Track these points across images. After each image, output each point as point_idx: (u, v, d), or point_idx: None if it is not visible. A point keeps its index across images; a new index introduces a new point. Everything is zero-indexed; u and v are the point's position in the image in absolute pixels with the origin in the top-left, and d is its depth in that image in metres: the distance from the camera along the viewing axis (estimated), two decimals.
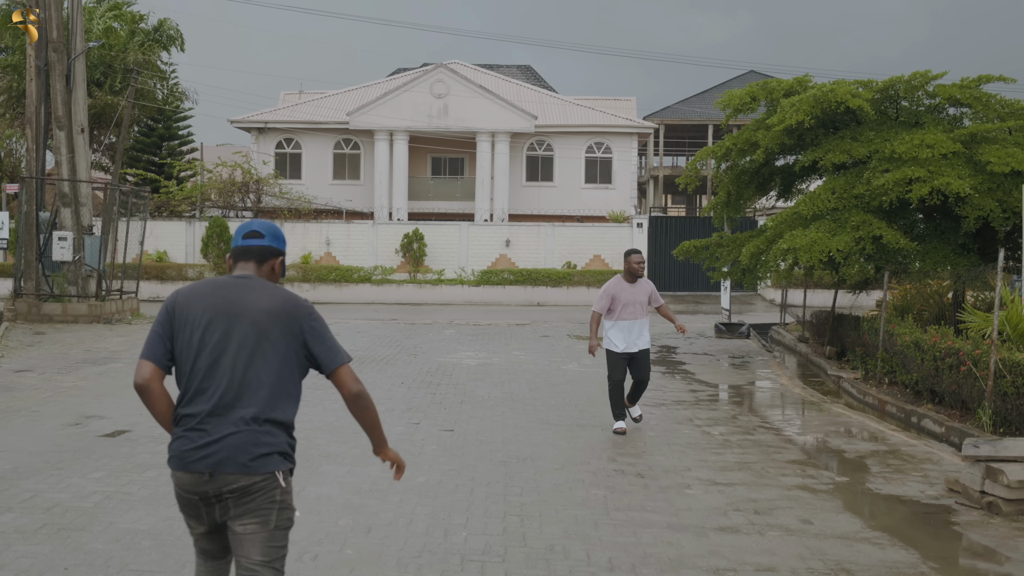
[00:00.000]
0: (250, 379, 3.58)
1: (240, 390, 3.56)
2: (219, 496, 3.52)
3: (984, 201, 13.20)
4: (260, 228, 3.85)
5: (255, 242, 3.81)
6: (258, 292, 3.69)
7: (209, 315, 3.63)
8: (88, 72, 29.94)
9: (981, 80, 14.99)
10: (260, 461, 3.53)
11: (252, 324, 3.61)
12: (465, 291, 32.16)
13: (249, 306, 3.64)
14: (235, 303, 3.65)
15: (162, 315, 3.69)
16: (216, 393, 3.55)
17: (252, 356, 3.59)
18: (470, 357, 16.02)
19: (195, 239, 34.15)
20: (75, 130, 21.72)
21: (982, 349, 10.05)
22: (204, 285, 3.75)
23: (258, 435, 3.54)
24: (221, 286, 3.72)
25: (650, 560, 5.68)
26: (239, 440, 3.51)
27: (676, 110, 55.90)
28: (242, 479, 3.50)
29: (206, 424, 3.53)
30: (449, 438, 9.18)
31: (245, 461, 3.50)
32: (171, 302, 3.72)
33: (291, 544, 5.79)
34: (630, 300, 9.52)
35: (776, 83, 16.39)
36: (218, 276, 3.91)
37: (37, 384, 12.08)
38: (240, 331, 3.61)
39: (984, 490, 6.93)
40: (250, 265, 3.81)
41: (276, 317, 3.64)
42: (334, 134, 42.20)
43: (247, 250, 3.81)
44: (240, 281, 3.74)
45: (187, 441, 3.53)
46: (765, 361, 16.76)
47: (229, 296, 3.67)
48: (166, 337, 3.65)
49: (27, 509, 6.42)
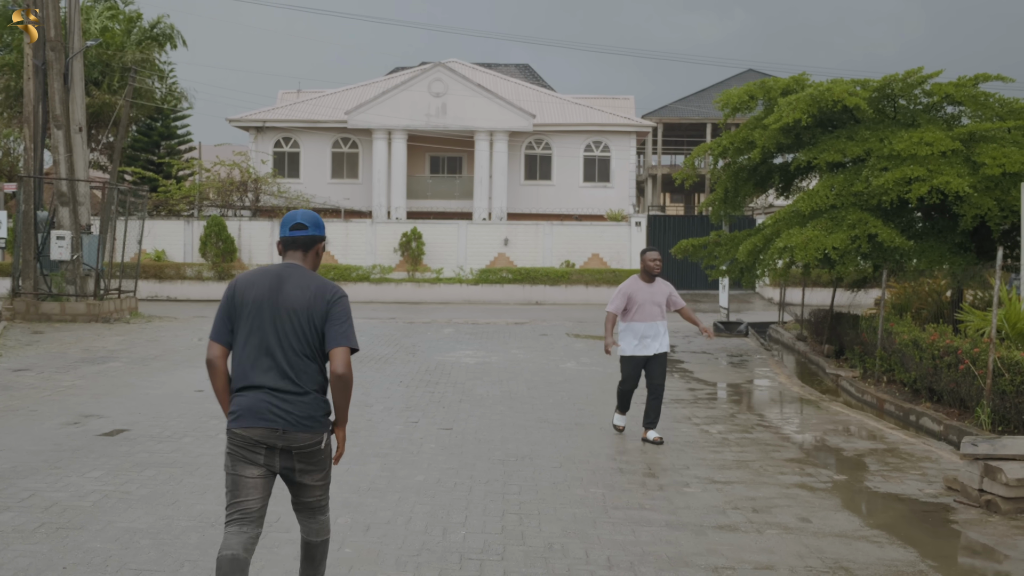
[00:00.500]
0: (291, 358, 4.24)
1: (285, 366, 4.24)
2: (285, 450, 4.26)
3: (982, 200, 13.20)
4: (304, 220, 4.42)
5: (301, 233, 4.40)
6: (299, 281, 4.31)
7: (259, 301, 4.28)
8: (86, 71, 29.91)
9: (978, 79, 14.99)
10: (318, 423, 4.28)
11: (291, 311, 4.25)
12: (463, 290, 32.16)
13: (289, 294, 4.27)
14: (278, 291, 4.29)
15: (225, 300, 4.36)
16: (276, 369, 4.24)
17: (292, 337, 4.24)
18: (468, 356, 16.02)
19: (193, 238, 34.13)
20: (73, 129, 21.70)
21: (980, 348, 10.06)
22: (257, 274, 4.39)
23: (311, 404, 4.27)
24: (270, 275, 4.35)
25: (648, 558, 5.68)
26: (298, 406, 4.23)
27: (674, 109, 55.91)
28: (304, 437, 4.25)
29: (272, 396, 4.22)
30: (448, 436, 9.18)
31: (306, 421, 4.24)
32: (232, 288, 4.37)
33: (289, 543, 5.80)
34: (646, 300, 9.09)
35: (774, 82, 16.39)
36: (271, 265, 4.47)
37: (35, 383, 12.07)
38: (282, 316, 4.25)
39: (983, 488, 6.94)
40: (298, 253, 4.42)
41: (310, 303, 4.26)
42: (332, 133, 42.19)
43: (294, 240, 4.41)
44: (285, 270, 4.35)
45: (257, 403, 4.21)
46: (763, 359, 16.77)
47: (274, 285, 4.30)
48: (228, 318, 4.33)
49: (25, 508, 6.41)
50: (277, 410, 4.21)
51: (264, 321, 4.26)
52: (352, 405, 10.74)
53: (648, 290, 9.16)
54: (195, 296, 31.89)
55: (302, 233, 4.40)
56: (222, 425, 9.45)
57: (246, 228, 34.51)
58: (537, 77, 54.44)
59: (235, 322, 4.32)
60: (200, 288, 32.25)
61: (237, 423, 4.26)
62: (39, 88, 21.54)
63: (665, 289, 9.27)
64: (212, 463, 7.83)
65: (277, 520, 6.25)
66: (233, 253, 33.18)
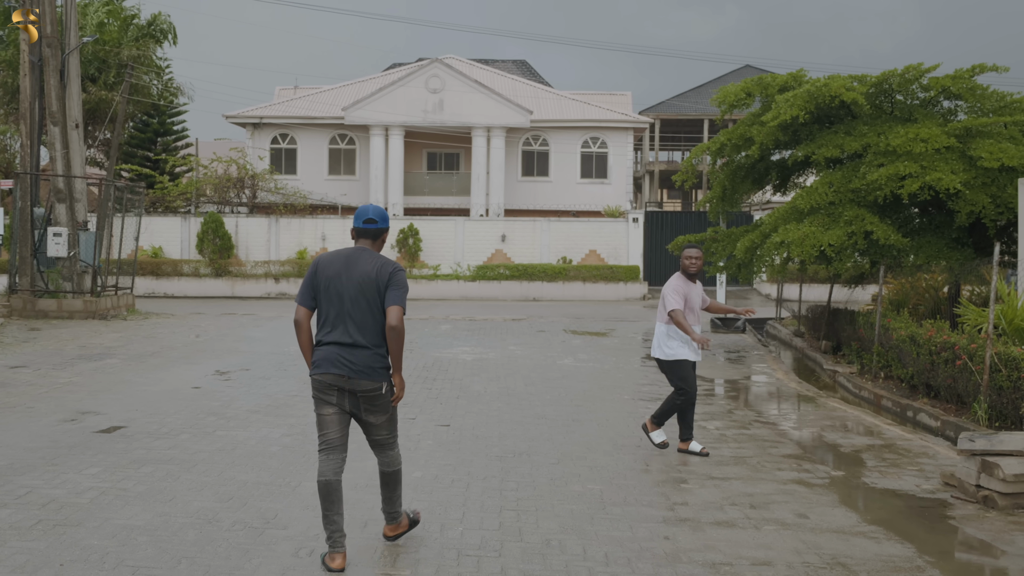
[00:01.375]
0: (359, 319, 5.34)
1: (359, 328, 5.34)
2: (353, 393, 5.37)
3: (977, 196, 13.20)
4: (374, 215, 5.54)
5: (371, 226, 5.52)
6: (367, 260, 5.43)
7: (337, 275, 5.40)
8: (82, 67, 29.88)
9: (975, 70, 14.97)
10: (380, 373, 5.37)
11: (359, 284, 5.36)
12: (461, 286, 32.14)
13: (360, 269, 5.39)
14: (352, 268, 5.40)
15: (309, 274, 5.50)
16: (347, 329, 5.35)
17: (361, 302, 5.35)
18: (466, 352, 16.01)
19: (190, 235, 34.08)
20: (69, 125, 21.66)
21: (978, 343, 10.07)
22: (334, 255, 5.50)
23: (375, 357, 5.35)
24: (343, 256, 5.47)
25: (646, 555, 5.68)
26: (365, 359, 5.32)
27: (671, 105, 55.87)
28: (366, 383, 5.34)
29: (344, 350, 5.33)
30: (445, 433, 9.18)
31: (370, 372, 5.34)
32: (315, 265, 5.50)
33: (287, 539, 5.80)
34: (695, 303, 8.59)
35: (771, 78, 16.38)
36: (343, 248, 5.55)
37: (32, 380, 12.06)
38: (353, 287, 5.36)
39: (980, 484, 6.95)
40: (367, 241, 5.54)
41: (375, 277, 5.36)
42: (329, 129, 42.14)
43: (366, 231, 5.53)
44: (356, 252, 5.48)
45: (332, 355, 5.33)
46: (761, 356, 16.78)
47: (348, 263, 5.43)
48: (312, 288, 5.46)
49: (22, 505, 6.40)
50: (345, 360, 5.31)
51: (340, 291, 5.36)
52: None
53: (695, 291, 8.60)
54: (192, 293, 31.86)
55: (372, 226, 5.51)
56: (219, 422, 9.46)
57: (243, 225, 34.47)
58: (534, 73, 54.40)
59: (317, 291, 5.44)
60: (197, 285, 32.21)
61: (315, 370, 5.39)
62: (35, 84, 21.50)
63: (700, 290, 8.76)
64: (209, 460, 7.83)
65: (275, 517, 6.25)
66: (230, 250, 33.14)
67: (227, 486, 7.00)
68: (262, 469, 7.55)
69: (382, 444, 5.58)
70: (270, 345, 16.61)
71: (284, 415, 9.94)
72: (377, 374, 5.35)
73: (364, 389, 5.33)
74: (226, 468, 7.56)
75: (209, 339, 17.42)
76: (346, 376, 5.31)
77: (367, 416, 5.44)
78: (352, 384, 5.32)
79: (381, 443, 5.58)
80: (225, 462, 7.76)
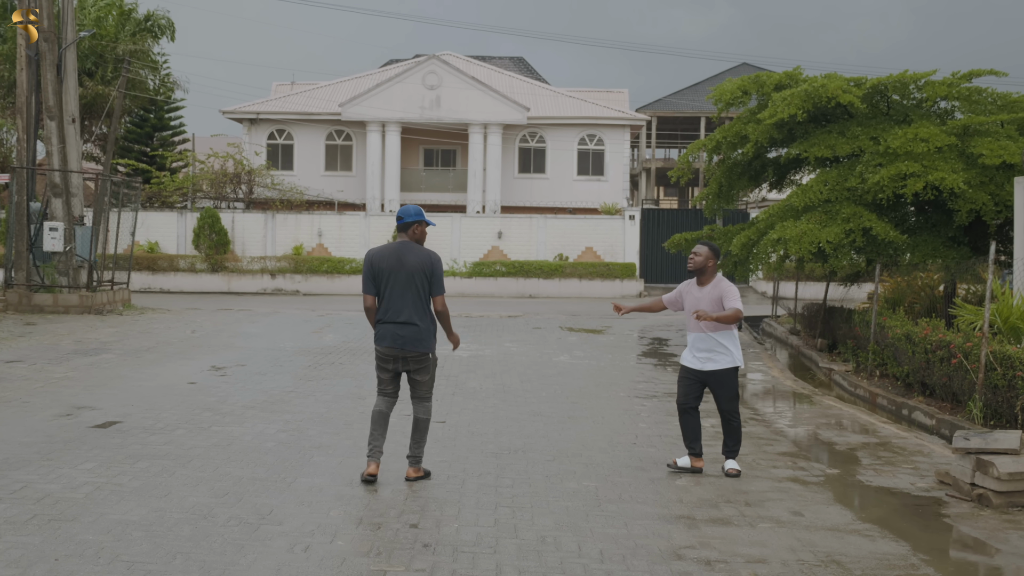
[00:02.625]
0: (410, 303, 6.87)
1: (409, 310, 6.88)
2: (405, 359, 6.99)
3: (977, 195, 13.23)
4: (403, 213, 7.03)
5: (399, 222, 7.01)
6: (413, 251, 6.93)
7: (391, 268, 6.89)
8: (79, 62, 29.79)
9: (971, 75, 15.01)
10: (425, 344, 6.97)
11: (409, 273, 6.87)
12: (457, 283, 32.13)
13: (409, 261, 6.88)
14: (400, 260, 6.89)
15: (367, 267, 6.97)
16: (400, 311, 6.90)
17: (411, 289, 6.87)
18: (461, 349, 16.00)
19: (187, 230, 34.05)
20: (66, 120, 21.62)
21: (973, 342, 10.08)
22: (384, 248, 6.97)
23: (422, 332, 6.92)
24: (392, 249, 6.94)
25: (641, 552, 5.69)
26: (413, 333, 6.91)
27: (668, 102, 55.89)
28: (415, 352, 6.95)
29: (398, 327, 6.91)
30: (440, 430, 9.18)
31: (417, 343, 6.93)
32: (369, 259, 6.98)
33: (282, 535, 5.80)
34: (692, 306, 7.70)
35: (767, 76, 16.39)
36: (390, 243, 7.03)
37: (28, 374, 12.04)
38: (404, 276, 6.87)
39: (974, 482, 6.96)
40: (404, 235, 7.01)
41: (420, 267, 6.87)
42: (326, 125, 42.10)
43: (401, 227, 7.04)
44: (402, 247, 6.94)
45: (389, 332, 6.93)
46: (756, 353, 16.79)
47: (398, 256, 6.90)
48: (373, 278, 6.95)
49: (17, 500, 6.40)
50: (398, 337, 6.91)
51: (395, 280, 6.85)
52: (345, 398, 10.87)
53: (696, 293, 7.74)
54: (188, 288, 31.83)
55: (399, 222, 7.00)
56: (215, 418, 9.46)
57: (240, 220, 34.44)
58: (531, 70, 54.36)
59: (377, 281, 6.92)
60: (193, 280, 32.18)
61: (377, 344, 7.05)
62: (32, 79, 21.45)
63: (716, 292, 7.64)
64: (204, 455, 7.82)
65: (270, 513, 6.25)
66: (226, 245, 33.11)
67: (222, 482, 7.00)
68: (257, 465, 7.54)
69: (422, 397, 7.15)
70: (266, 341, 16.60)
71: (280, 411, 9.94)
72: (423, 345, 6.93)
73: (414, 354, 6.94)
74: (221, 464, 7.55)
75: (205, 335, 17.41)
76: (399, 348, 6.91)
77: (415, 375, 7.06)
78: (404, 352, 6.93)
79: (421, 396, 7.14)
80: (221, 458, 7.76)
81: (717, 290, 7.62)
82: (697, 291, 7.72)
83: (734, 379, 7.72)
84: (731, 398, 7.71)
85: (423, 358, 6.97)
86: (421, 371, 7.02)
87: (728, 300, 7.54)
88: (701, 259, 7.66)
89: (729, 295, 7.55)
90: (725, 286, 7.64)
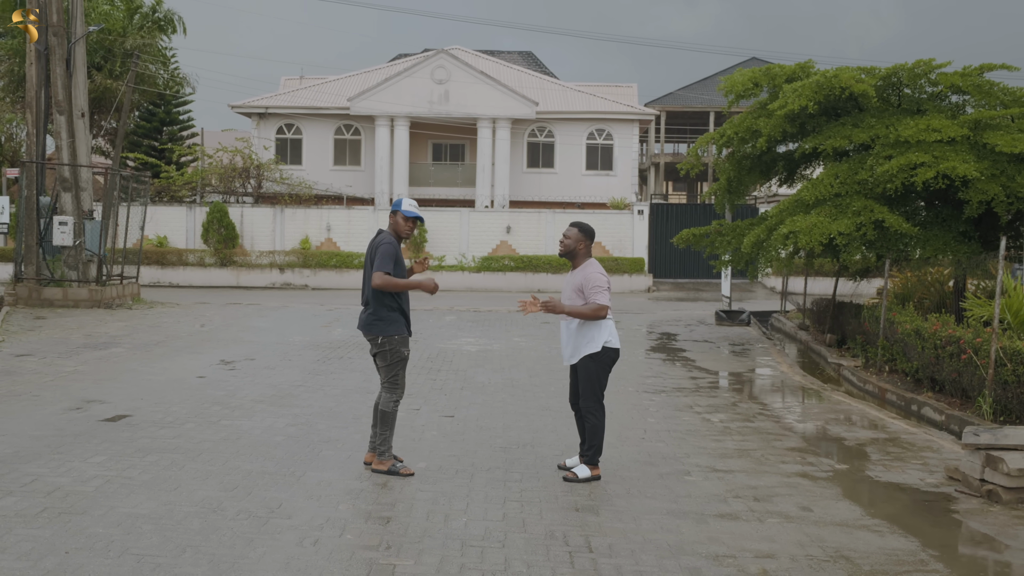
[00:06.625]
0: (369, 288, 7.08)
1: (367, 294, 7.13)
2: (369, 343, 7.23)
3: (988, 185, 13.16)
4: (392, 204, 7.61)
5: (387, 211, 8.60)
6: (375, 240, 7.15)
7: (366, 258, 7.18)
8: (88, 56, 29.85)
9: (983, 68, 14.94)
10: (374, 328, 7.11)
11: (369, 259, 7.11)
12: (465, 277, 32.14)
13: (370, 249, 7.14)
14: (369, 249, 7.16)
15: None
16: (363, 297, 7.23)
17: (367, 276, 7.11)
18: (470, 343, 16.02)
19: (195, 224, 34.11)
20: (75, 114, 21.67)
21: (983, 337, 10.05)
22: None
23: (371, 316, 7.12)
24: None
25: (649, 546, 5.69)
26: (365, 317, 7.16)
27: (677, 97, 55.77)
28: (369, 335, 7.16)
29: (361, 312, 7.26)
30: (449, 424, 9.19)
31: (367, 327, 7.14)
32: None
33: (291, 529, 5.81)
34: (564, 293, 7.28)
35: (779, 68, 16.34)
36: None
37: (38, 368, 12.08)
38: (367, 263, 7.14)
39: (984, 478, 6.94)
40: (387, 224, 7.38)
41: (371, 251, 7.11)
42: (335, 120, 42.10)
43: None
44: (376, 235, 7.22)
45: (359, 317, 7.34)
46: (765, 348, 16.76)
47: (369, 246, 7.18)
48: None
49: (28, 493, 6.42)
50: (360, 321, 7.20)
51: (365, 269, 7.16)
52: (353, 392, 10.91)
53: (568, 279, 7.23)
54: (197, 282, 31.90)
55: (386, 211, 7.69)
56: (224, 412, 9.48)
57: (248, 214, 34.49)
58: (540, 65, 54.27)
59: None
60: (202, 274, 32.25)
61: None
62: (42, 73, 21.50)
63: (577, 279, 7.04)
64: (214, 449, 7.84)
65: (279, 507, 6.26)
66: (235, 239, 33.17)
67: (232, 475, 7.02)
68: (267, 459, 7.56)
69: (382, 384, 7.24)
70: (275, 335, 16.63)
71: (289, 405, 9.96)
72: (375, 329, 7.09)
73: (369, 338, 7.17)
74: (231, 457, 7.57)
75: (214, 329, 17.45)
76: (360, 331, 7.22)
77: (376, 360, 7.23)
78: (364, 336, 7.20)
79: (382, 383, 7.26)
80: (230, 451, 7.78)
81: (580, 276, 6.99)
82: (569, 277, 7.16)
83: (591, 368, 7.01)
84: (587, 393, 7.06)
85: (375, 341, 7.10)
86: (379, 355, 7.14)
87: (588, 291, 6.88)
88: (571, 242, 7.08)
89: (590, 283, 6.89)
90: (589, 272, 6.95)
